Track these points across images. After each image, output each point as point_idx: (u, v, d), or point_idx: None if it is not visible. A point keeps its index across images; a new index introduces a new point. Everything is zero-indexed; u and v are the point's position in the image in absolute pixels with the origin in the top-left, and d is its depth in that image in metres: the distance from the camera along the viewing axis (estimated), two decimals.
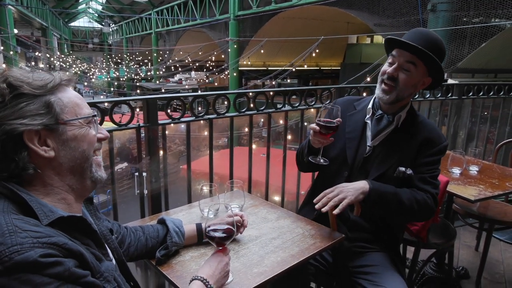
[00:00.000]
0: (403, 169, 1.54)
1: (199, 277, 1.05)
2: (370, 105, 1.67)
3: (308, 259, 1.36)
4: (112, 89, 23.17)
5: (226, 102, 2.21)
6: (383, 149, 1.61)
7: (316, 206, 1.45)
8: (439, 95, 3.19)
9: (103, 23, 34.93)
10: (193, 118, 2.09)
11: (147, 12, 25.35)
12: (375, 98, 1.67)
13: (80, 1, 33.09)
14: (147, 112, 1.93)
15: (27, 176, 0.82)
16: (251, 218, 1.60)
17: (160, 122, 1.97)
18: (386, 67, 1.56)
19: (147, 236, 1.28)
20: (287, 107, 2.46)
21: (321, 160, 1.59)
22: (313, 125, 1.47)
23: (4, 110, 0.78)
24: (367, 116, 1.66)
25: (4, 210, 0.74)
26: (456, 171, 2.26)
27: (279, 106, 2.44)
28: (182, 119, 2.06)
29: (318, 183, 1.83)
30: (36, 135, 0.81)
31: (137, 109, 2.02)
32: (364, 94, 2.78)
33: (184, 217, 1.61)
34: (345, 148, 1.66)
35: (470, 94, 3.29)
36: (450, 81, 7.26)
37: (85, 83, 23.85)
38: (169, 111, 2.00)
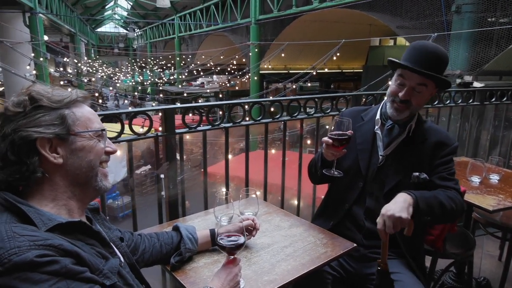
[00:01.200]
0: (417, 174, 1.55)
1: (208, 287, 1.10)
2: (378, 116, 1.69)
3: (319, 268, 1.38)
4: (136, 93, 23.63)
5: (245, 108, 2.25)
6: (396, 158, 1.63)
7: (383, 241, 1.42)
8: (460, 101, 3.11)
9: (128, 29, 35.90)
10: (209, 127, 2.14)
11: (170, 17, 25.86)
12: (381, 108, 1.69)
13: (106, 7, 34.06)
14: (165, 121, 2.00)
15: (36, 179, 0.90)
16: (264, 226, 1.63)
17: (177, 131, 2.04)
18: (395, 89, 1.56)
19: (161, 242, 1.34)
20: (303, 115, 2.48)
21: (335, 172, 1.61)
22: (326, 138, 1.50)
23: (23, 119, 0.88)
24: (376, 127, 1.69)
25: (6, 221, 0.82)
26: (476, 179, 2.21)
27: (296, 111, 2.46)
28: (199, 128, 2.12)
29: (332, 195, 1.84)
30: (48, 142, 0.90)
31: (160, 113, 2.10)
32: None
33: (200, 224, 1.66)
34: (357, 159, 1.68)
35: (493, 99, 3.21)
36: (475, 84, 7.06)
37: (111, 88, 24.49)
38: (190, 114, 2.05)
